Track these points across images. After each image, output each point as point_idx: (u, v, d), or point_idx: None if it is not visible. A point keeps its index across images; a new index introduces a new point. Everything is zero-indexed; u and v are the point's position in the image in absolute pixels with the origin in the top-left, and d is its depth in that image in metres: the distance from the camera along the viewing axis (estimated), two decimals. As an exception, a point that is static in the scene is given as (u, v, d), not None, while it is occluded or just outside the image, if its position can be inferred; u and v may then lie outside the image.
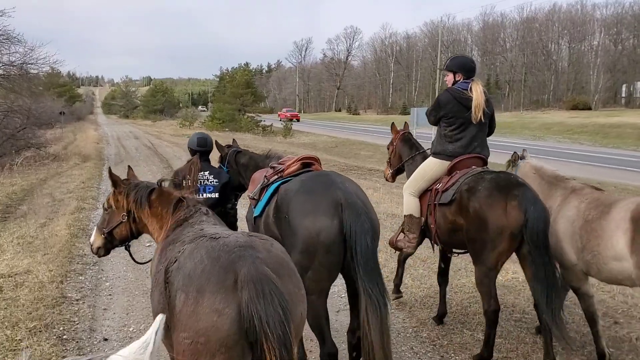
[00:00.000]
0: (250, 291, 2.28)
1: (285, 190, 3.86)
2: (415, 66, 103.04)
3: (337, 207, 3.52)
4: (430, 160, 5.13)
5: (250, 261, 2.39)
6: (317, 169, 4.30)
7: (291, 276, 2.61)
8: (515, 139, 36.81)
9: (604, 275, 4.15)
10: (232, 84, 48.75)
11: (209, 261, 2.42)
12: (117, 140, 33.86)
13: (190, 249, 2.59)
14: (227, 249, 2.46)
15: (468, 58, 5.26)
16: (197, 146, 5.04)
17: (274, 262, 2.52)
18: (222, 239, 2.58)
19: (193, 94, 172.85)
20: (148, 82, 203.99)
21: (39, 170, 16.54)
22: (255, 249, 2.51)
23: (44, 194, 12.05)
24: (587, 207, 4.25)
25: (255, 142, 35.00)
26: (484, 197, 4.31)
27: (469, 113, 4.81)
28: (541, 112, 64.66)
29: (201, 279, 2.37)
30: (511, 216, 4.15)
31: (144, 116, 79.53)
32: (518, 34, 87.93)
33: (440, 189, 4.80)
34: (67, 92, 77.74)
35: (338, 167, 22.89)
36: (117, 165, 19.03)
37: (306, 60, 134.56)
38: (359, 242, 3.46)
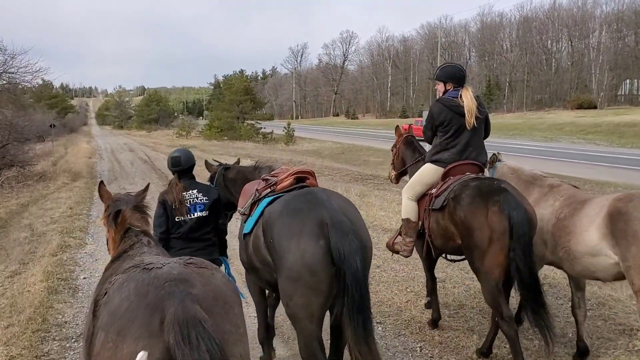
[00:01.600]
0: (176, 335, 2.02)
1: (269, 212, 3.71)
2: (412, 69, 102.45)
3: (322, 227, 3.35)
4: (427, 165, 5.15)
5: (179, 299, 2.13)
6: (311, 183, 4.13)
7: (228, 312, 2.33)
8: (526, 140, 36.09)
9: (577, 270, 4.29)
10: (231, 91, 47.06)
11: (135, 298, 2.19)
12: (111, 154, 31.67)
13: (121, 280, 2.37)
14: (156, 284, 2.22)
15: (457, 67, 5.24)
16: (171, 167, 4.72)
17: (210, 297, 2.28)
18: (155, 270, 2.34)
19: (188, 102, 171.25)
20: (142, 92, 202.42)
21: (21, 193, 14.50)
22: (189, 282, 2.26)
23: (23, 226, 10.11)
24: (561, 205, 4.39)
25: (257, 150, 33.42)
26: (467, 205, 4.36)
27: (462, 120, 4.87)
28: (545, 113, 64.03)
29: (124, 320, 2.13)
30: (493, 222, 4.17)
31: (138, 126, 77.96)
32: (518, 33, 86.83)
33: (434, 195, 4.87)
34: (59, 103, 75.88)
35: (351, 177, 21.21)
36: (111, 183, 17.05)
37: (302, 66, 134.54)
38: (347, 263, 3.26)
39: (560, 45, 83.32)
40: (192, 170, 4.82)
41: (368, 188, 15.29)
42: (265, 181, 4.26)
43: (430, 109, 5.20)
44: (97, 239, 9.23)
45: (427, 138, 5.33)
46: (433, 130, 5.15)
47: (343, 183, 18.52)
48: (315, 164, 25.35)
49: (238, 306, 2.47)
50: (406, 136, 6.06)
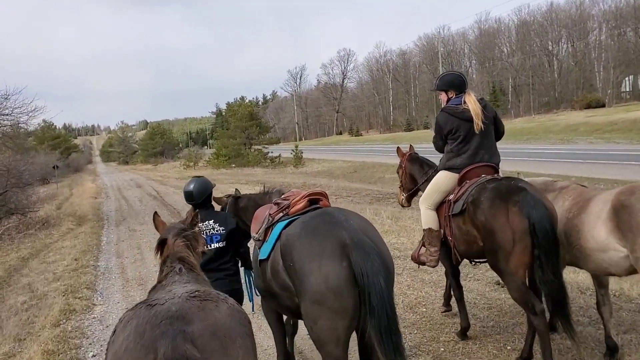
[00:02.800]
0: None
1: (287, 235, 3.62)
2: (413, 81, 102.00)
3: (343, 248, 3.27)
4: (441, 173, 5.18)
5: (170, 338, 2.12)
6: (324, 204, 4.09)
7: (227, 347, 2.27)
8: (543, 144, 35.15)
9: (591, 267, 4.35)
10: (235, 118, 46.19)
11: (133, 337, 2.19)
12: (118, 192, 30.39)
13: (127, 319, 2.36)
14: (153, 322, 2.21)
15: (455, 74, 5.29)
16: (187, 201, 4.69)
17: (207, 334, 2.22)
18: (157, 306, 2.29)
19: (191, 132, 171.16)
20: (145, 126, 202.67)
21: (22, 244, 13.22)
22: (185, 319, 2.22)
23: (21, 287, 8.82)
24: (570, 204, 4.49)
25: (266, 175, 32.43)
26: (487, 208, 4.38)
27: (470, 125, 4.93)
28: (555, 114, 63.34)
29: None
30: (514, 222, 4.19)
31: (143, 160, 77.20)
32: (517, 37, 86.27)
33: (452, 200, 4.88)
34: (62, 143, 75.32)
35: (372, 197, 20.09)
36: (120, 224, 15.80)
37: (302, 88, 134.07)
38: (371, 284, 3.17)
39: (561, 46, 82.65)
40: (209, 200, 4.75)
41: (397, 209, 14.03)
42: (277, 205, 4.19)
43: (436, 120, 5.25)
44: (107, 297, 7.96)
45: (438, 148, 5.37)
46: (443, 140, 5.20)
47: (367, 205, 17.31)
48: (330, 186, 24.21)
49: (242, 338, 2.38)
50: (410, 154, 6.09)
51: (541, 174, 16.24)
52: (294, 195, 4.23)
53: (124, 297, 7.93)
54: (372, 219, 12.37)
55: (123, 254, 11.23)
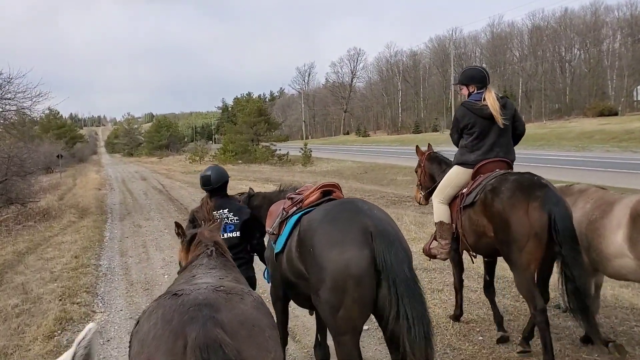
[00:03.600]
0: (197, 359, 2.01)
1: (309, 220, 3.56)
2: (422, 83, 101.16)
3: (366, 236, 3.22)
4: (454, 168, 5.22)
5: (200, 324, 2.12)
6: (338, 196, 4.04)
7: (256, 337, 2.27)
8: (557, 151, 34.50)
9: (610, 272, 4.34)
10: (244, 113, 45.30)
11: (161, 324, 2.19)
12: (122, 184, 29.49)
13: (151, 309, 2.36)
14: (181, 310, 2.20)
15: (477, 69, 5.32)
16: (202, 186, 4.73)
17: (236, 322, 2.22)
18: (183, 296, 2.30)
19: (196, 127, 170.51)
20: (150, 119, 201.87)
21: (19, 237, 12.31)
22: (214, 307, 2.22)
23: (14, 287, 7.60)
24: (592, 207, 4.45)
25: (275, 173, 31.63)
26: (507, 198, 4.34)
27: (486, 122, 4.97)
28: (567, 121, 62.76)
29: (151, 347, 2.15)
30: (533, 217, 4.17)
31: (148, 153, 76.36)
32: (530, 42, 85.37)
33: (465, 193, 4.89)
34: (68, 133, 74.53)
35: (388, 199, 19.23)
36: (124, 219, 14.95)
37: (310, 86, 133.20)
38: (397, 272, 3.13)
39: (573, 53, 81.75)
40: (225, 188, 4.75)
41: (418, 213, 13.23)
42: (290, 200, 4.19)
43: (455, 113, 5.36)
44: (109, 303, 7.10)
45: (454, 141, 5.41)
46: (459, 133, 5.25)
47: (385, 208, 16.47)
48: (343, 186, 23.04)
49: (270, 329, 2.37)
50: (428, 153, 6.09)
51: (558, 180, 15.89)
52: (308, 189, 4.21)
53: (127, 303, 7.07)
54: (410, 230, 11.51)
55: (127, 252, 10.38)
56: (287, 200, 4.26)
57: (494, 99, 4.95)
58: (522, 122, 5.29)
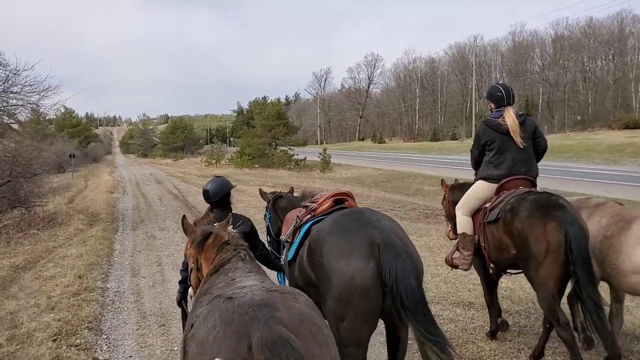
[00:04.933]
0: (267, 357, 2.01)
1: (317, 231, 3.67)
2: (440, 90, 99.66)
3: (372, 248, 3.29)
4: (479, 182, 5.31)
5: (263, 323, 2.13)
6: (350, 205, 4.16)
7: (316, 335, 2.26)
8: (585, 164, 33.37)
9: (624, 287, 4.38)
10: (262, 116, 43.92)
11: (221, 326, 2.20)
12: (136, 187, 28.10)
13: (205, 312, 2.39)
14: (240, 311, 2.22)
15: (496, 87, 5.37)
16: (205, 199, 4.71)
17: (295, 320, 2.23)
18: (238, 299, 2.33)
19: (211, 129, 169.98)
20: (165, 120, 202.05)
21: (19, 247, 10.79)
22: (273, 306, 2.24)
23: (2, 317, 6.26)
24: (608, 222, 4.49)
25: (293, 179, 30.33)
26: (525, 218, 4.48)
27: (504, 137, 5.07)
28: (591, 133, 61.26)
29: (213, 349, 2.14)
30: (551, 236, 4.28)
31: (163, 154, 75.49)
32: (555, 50, 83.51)
33: (489, 208, 5.01)
34: (82, 132, 73.78)
35: (419, 212, 17.80)
36: (137, 228, 13.58)
37: (326, 91, 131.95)
38: (402, 284, 3.16)
39: (597, 63, 79.80)
40: (226, 200, 4.71)
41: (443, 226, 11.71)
42: (305, 208, 4.28)
43: (476, 130, 5.52)
44: (115, 345, 5.68)
45: (474, 157, 5.51)
46: (480, 150, 5.35)
47: (416, 222, 15.01)
48: (368, 195, 21.94)
49: (326, 328, 2.41)
50: (452, 185, 6.19)
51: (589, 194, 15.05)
52: (322, 197, 4.25)
53: (138, 346, 5.62)
54: (442, 245, 10.17)
55: (139, 271, 8.98)
56: (301, 208, 4.36)
57: (513, 118, 5.04)
58: (544, 139, 5.32)
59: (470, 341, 5.33)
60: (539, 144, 5.22)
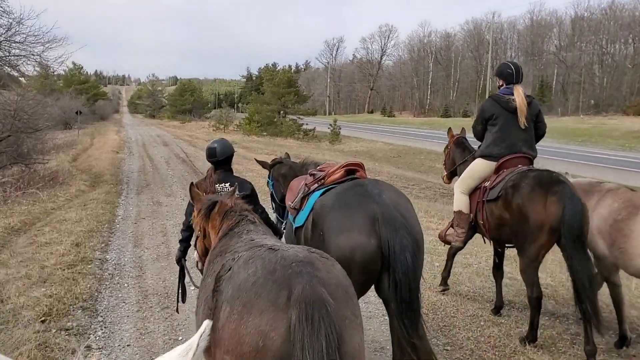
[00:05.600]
0: (300, 313, 2.06)
1: (321, 205, 3.71)
2: (454, 66, 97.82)
3: (373, 223, 3.32)
4: (478, 160, 5.36)
5: (307, 279, 2.17)
6: (361, 175, 4.10)
7: (348, 302, 2.32)
8: (601, 149, 32.31)
9: (631, 270, 4.52)
10: (272, 83, 42.83)
11: (262, 273, 2.24)
12: (142, 148, 27.36)
13: (245, 257, 2.42)
14: (284, 263, 2.27)
15: (506, 64, 5.42)
16: (208, 158, 4.74)
17: (333, 284, 2.28)
18: (281, 251, 2.39)
19: (219, 94, 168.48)
20: (174, 82, 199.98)
21: (16, 206, 10.10)
22: (315, 266, 2.29)
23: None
24: (619, 207, 4.58)
25: (302, 149, 29.59)
26: (527, 193, 4.59)
27: (510, 115, 5.13)
28: (605, 118, 60.02)
29: (250, 293, 2.19)
30: (550, 211, 4.41)
31: (171, 116, 74.66)
32: (574, 32, 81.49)
33: (488, 187, 5.06)
34: (90, 89, 72.77)
35: (434, 190, 17.16)
36: (142, 192, 12.93)
37: (337, 60, 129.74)
38: (399, 260, 3.22)
39: (616, 47, 77.90)
40: (229, 162, 4.74)
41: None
42: (312, 176, 4.22)
43: (481, 105, 5.54)
44: (112, 331, 5.01)
45: (477, 132, 5.51)
46: (483, 124, 5.37)
47: (439, 203, 14.30)
48: (380, 171, 21.26)
49: (355, 297, 2.44)
50: (457, 137, 6.34)
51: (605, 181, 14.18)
52: (330, 166, 4.23)
53: (137, 332, 4.99)
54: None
55: (143, 240, 8.34)
56: (308, 176, 4.28)
57: (522, 97, 5.10)
58: (545, 124, 5.42)
59: (519, 351, 4.65)
60: (539, 128, 5.34)
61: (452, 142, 6.35)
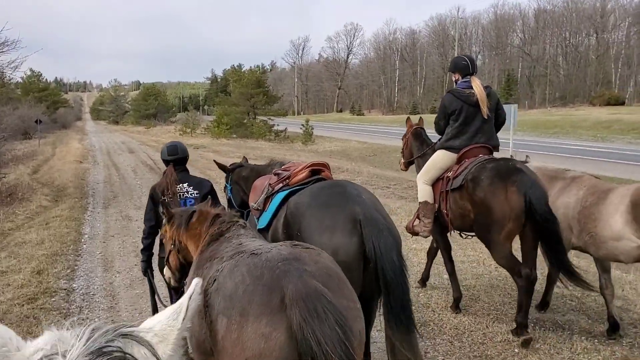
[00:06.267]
0: (302, 310, 2.03)
1: (296, 204, 3.61)
2: (420, 63, 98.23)
3: (355, 224, 3.29)
4: (439, 152, 5.47)
5: (296, 276, 2.15)
6: (327, 175, 4.07)
7: (343, 289, 2.33)
8: (574, 140, 32.49)
9: (601, 253, 4.68)
10: (241, 84, 41.84)
11: (250, 280, 2.21)
12: (107, 156, 26.09)
13: (229, 267, 2.39)
14: (269, 265, 2.24)
15: (461, 57, 5.56)
16: (166, 155, 4.60)
17: (323, 274, 2.26)
18: (264, 254, 2.35)
19: (184, 97, 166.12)
20: (137, 87, 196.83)
21: None
22: (301, 260, 2.28)
23: None
24: (585, 193, 4.76)
25: (275, 151, 28.76)
26: (487, 186, 4.74)
27: (472, 109, 5.24)
28: (572, 109, 60.99)
29: (243, 301, 2.17)
30: (512, 201, 4.57)
31: (135, 122, 72.84)
32: (537, 25, 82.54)
33: (452, 176, 5.20)
34: (50, 97, 70.39)
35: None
36: (109, 205, 11.95)
37: (304, 60, 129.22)
38: (385, 260, 3.18)
39: (579, 39, 79.22)
40: (184, 162, 4.67)
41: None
42: (277, 175, 4.17)
43: (442, 100, 5.60)
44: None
45: (439, 128, 5.62)
46: (445, 120, 5.48)
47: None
48: (359, 171, 20.55)
49: (349, 283, 2.41)
50: (415, 128, 6.48)
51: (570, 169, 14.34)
52: (295, 166, 4.17)
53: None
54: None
55: (113, 263, 7.41)
56: (272, 176, 4.22)
57: (481, 89, 5.19)
58: (504, 111, 5.59)
59: None
60: (500, 116, 5.48)
61: (410, 132, 6.46)
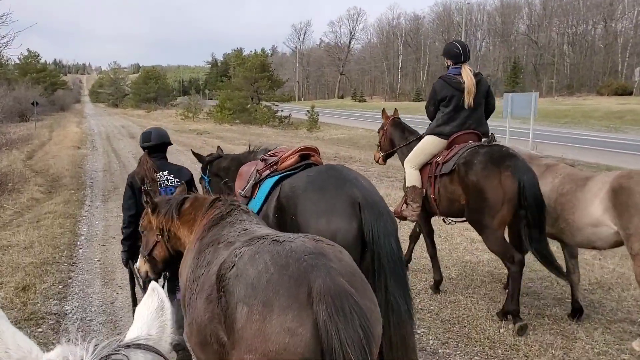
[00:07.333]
0: (329, 307, 1.97)
1: (291, 187, 3.50)
2: (424, 49, 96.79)
3: (354, 207, 3.20)
4: (429, 137, 5.48)
5: (324, 271, 2.08)
6: (316, 160, 3.98)
7: (366, 290, 2.26)
8: (586, 130, 31.49)
9: (578, 240, 4.71)
10: (244, 68, 40.49)
11: (275, 269, 2.11)
12: (107, 141, 24.80)
13: (250, 252, 2.26)
14: (295, 256, 2.15)
15: (453, 44, 5.55)
16: (141, 142, 4.53)
17: (348, 272, 2.20)
18: (287, 243, 2.26)
19: (184, 81, 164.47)
20: (137, 70, 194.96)
21: None
22: (327, 256, 2.20)
23: None
24: (561, 181, 4.80)
25: (279, 138, 27.60)
26: (480, 170, 4.73)
27: (462, 95, 5.25)
28: (580, 99, 59.89)
29: (268, 291, 2.07)
30: (506, 185, 4.59)
31: (135, 105, 71.57)
32: (545, 12, 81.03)
33: (441, 161, 5.21)
34: (48, 78, 68.91)
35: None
36: (109, 199, 10.83)
37: (305, 45, 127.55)
38: (383, 245, 3.12)
39: (587, 27, 77.84)
40: (164, 150, 4.56)
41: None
42: (264, 161, 4.07)
43: (433, 86, 5.60)
44: None
45: (430, 113, 5.63)
46: (435, 106, 5.49)
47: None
48: (373, 161, 19.44)
49: (368, 285, 2.35)
50: (393, 118, 6.43)
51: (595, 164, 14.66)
52: (283, 151, 4.08)
53: None
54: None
55: (114, 274, 6.25)
56: (259, 162, 4.11)
57: (471, 77, 5.21)
58: (494, 99, 5.57)
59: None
60: (489, 103, 5.49)
61: (388, 123, 6.40)
